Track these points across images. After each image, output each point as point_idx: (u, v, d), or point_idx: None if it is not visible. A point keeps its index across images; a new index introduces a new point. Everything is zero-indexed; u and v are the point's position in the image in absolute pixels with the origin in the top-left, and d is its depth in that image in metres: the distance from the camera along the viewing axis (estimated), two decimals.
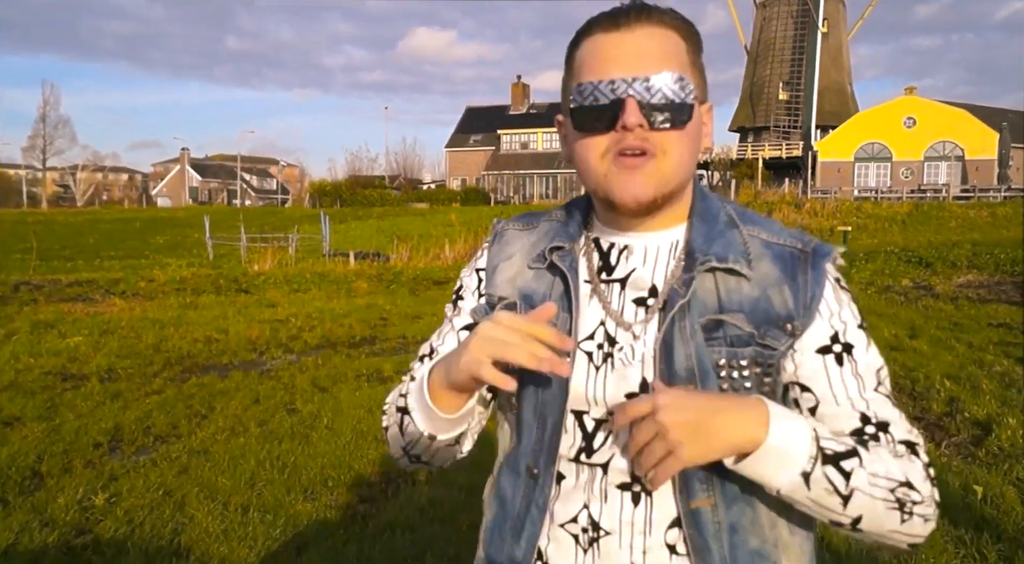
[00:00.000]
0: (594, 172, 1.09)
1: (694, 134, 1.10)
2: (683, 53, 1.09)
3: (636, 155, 1.05)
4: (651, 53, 1.06)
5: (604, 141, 1.07)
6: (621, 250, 1.17)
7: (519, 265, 1.23)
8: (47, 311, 11.85)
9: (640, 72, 1.05)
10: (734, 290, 1.09)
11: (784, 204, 35.34)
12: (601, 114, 1.06)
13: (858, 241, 25.73)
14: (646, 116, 1.04)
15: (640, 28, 1.07)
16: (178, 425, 5.94)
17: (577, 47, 1.13)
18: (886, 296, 13.47)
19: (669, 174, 1.07)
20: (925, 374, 7.25)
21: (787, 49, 55.10)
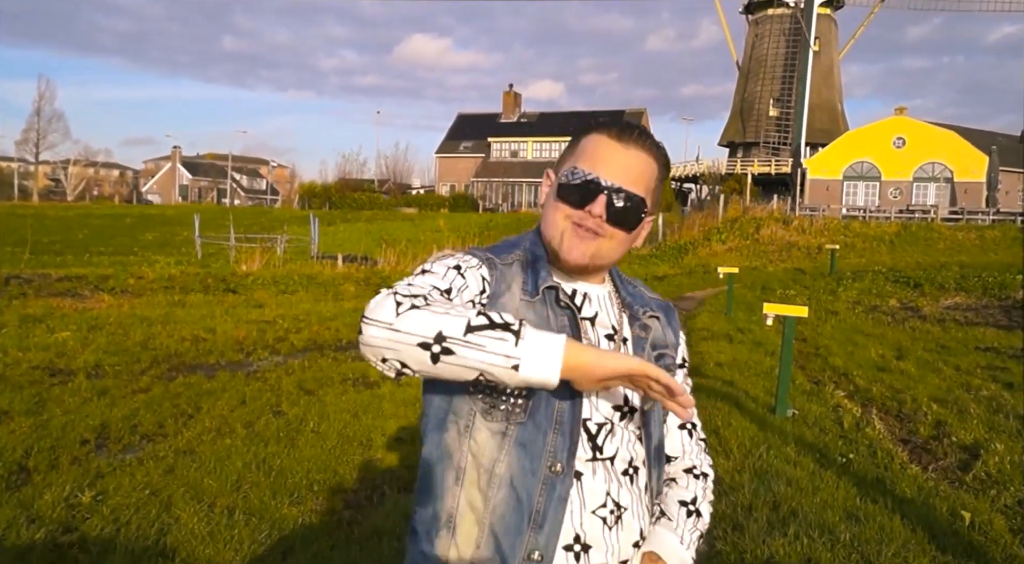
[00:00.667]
0: (555, 227, 1.44)
1: (634, 236, 1.47)
2: (653, 179, 1.46)
3: (589, 230, 1.41)
4: (631, 173, 1.42)
5: (571, 210, 1.41)
6: (584, 296, 1.49)
7: (516, 296, 1.43)
8: (36, 305, 11.75)
9: (619, 182, 1.40)
10: (657, 330, 1.56)
11: (772, 221, 35.39)
12: (580, 195, 1.41)
13: (846, 260, 25.84)
14: (608, 213, 1.40)
15: (634, 150, 1.43)
16: (164, 424, 5.89)
17: (586, 136, 1.47)
18: (873, 316, 13.54)
19: (607, 253, 1.45)
20: (912, 396, 7.27)
21: (778, 66, 55.38)
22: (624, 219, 1.41)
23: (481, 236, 27.95)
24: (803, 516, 4.13)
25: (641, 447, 1.47)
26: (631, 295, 1.56)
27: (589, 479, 1.38)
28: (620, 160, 1.41)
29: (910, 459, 5.39)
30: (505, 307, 1.39)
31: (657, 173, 1.47)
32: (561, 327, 1.39)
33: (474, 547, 1.36)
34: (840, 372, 8.61)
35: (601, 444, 1.40)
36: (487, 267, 1.44)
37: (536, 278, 1.44)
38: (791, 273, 22.93)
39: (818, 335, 11.23)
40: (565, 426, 1.36)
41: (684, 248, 30.79)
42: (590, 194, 1.40)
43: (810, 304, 14.92)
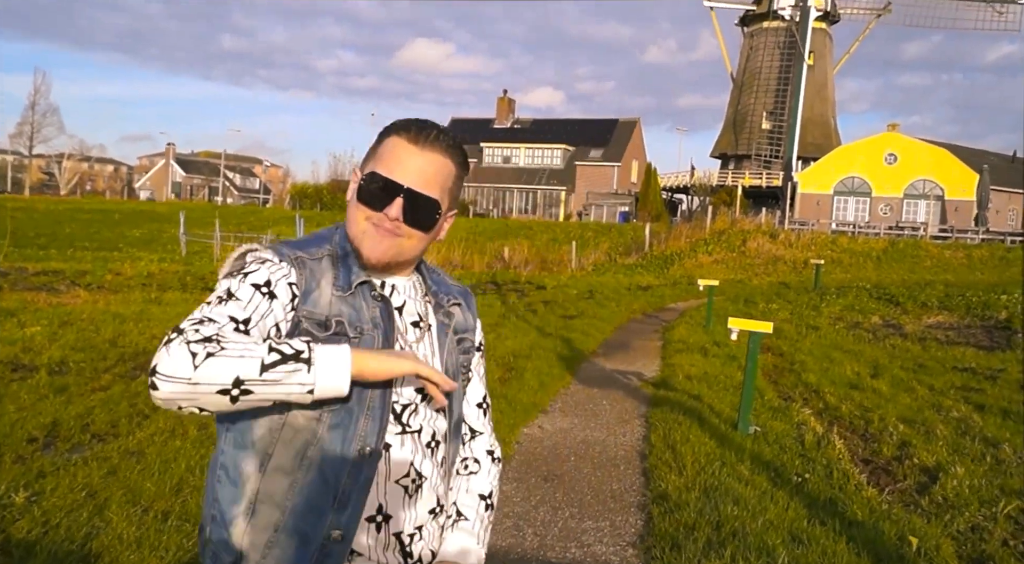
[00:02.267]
0: (357, 227, 1.49)
1: (434, 233, 1.54)
2: (450, 179, 1.53)
3: (388, 230, 1.47)
4: (426, 175, 1.48)
5: (371, 212, 1.47)
6: (392, 287, 1.57)
7: (327, 291, 1.47)
8: (10, 299, 11.68)
9: (414, 185, 1.46)
10: (458, 316, 1.68)
11: (759, 234, 35.38)
12: (377, 198, 1.46)
13: (831, 275, 25.84)
14: (404, 214, 1.46)
15: (431, 152, 1.49)
16: (118, 424, 5.79)
17: (387, 138, 1.51)
18: (854, 333, 13.49)
19: (408, 251, 1.52)
20: (880, 415, 7.21)
21: (772, 79, 55.48)
22: (420, 220, 1.48)
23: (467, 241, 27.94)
24: (744, 537, 4.07)
25: (443, 422, 1.58)
26: (435, 284, 1.66)
27: (397, 450, 1.48)
28: (416, 163, 1.47)
29: (868, 480, 5.34)
30: (317, 303, 1.45)
31: (455, 172, 1.54)
32: (374, 318, 1.48)
33: (272, 530, 1.40)
34: (812, 389, 8.55)
35: (407, 421, 1.50)
36: (296, 269, 1.46)
37: (348, 273, 1.50)
38: (775, 287, 22.91)
39: (796, 350, 11.18)
40: (376, 411, 1.43)
41: (670, 259, 30.77)
42: (387, 198, 1.45)
43: (791, 319, 14.90)
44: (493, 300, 16.42)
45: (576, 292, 19.09)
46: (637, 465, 5.69)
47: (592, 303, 16.91)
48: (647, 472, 5.48)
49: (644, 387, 8.52)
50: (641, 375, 9.24)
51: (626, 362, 10.15)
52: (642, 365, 9.95)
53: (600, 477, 5.39)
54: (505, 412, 6.76)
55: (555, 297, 17.62)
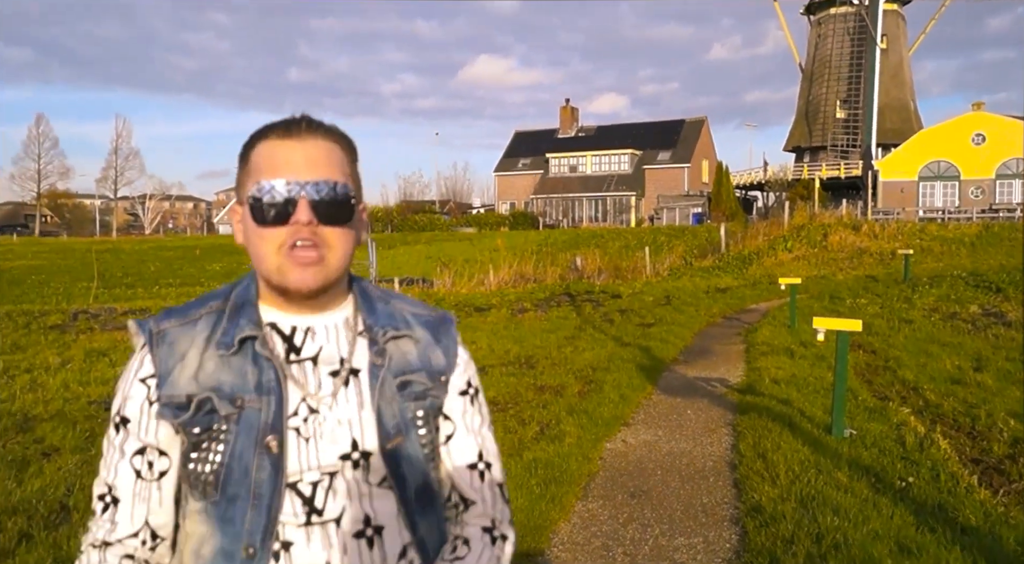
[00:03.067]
0: (269, 262, 1.22)
1: (354, 230, 1.27)
2: (344, 163, 1.27)
3: (308, 246, 1.20)
4: (320, 161, 1.23)
5: (280, 234, 1.20)
6: (306, 330, 1.29)
7: (194, 361, 1.24)
8: (101, 339, 12.00)
9: (311, 176, 1.21)
10: (409, 353, 1.32)
11: (841, 226, 34.29)
12: (279, 211, 1.20)
13: (922, 265, 24.90)
14: (316, 214, 1.20)
15: (311, 139, 1.24)
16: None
17: (253, 148, 1.26)
18: (951, 324, 12.85)
19: (335, 264, 1.24)
20: (988, 411, 6.78)
21: (844, 66, 54.09)
22: (338, 212, 1.22)
23: (539, 253, 27.81)
24: (848, 549, 3.79)
25: (388, 500, 1.25)
26: (372, 313, 1.33)
27: (302, 548, 1.20)
28: (302, 154, 1.22)
29: (979, 482, 4.95)
30: (176, 382, 1.23)
31: (345, 156, 1.28)
32: (266, 382, 1.23)
33: None
34: (910, 386, 8.12)
35: (321, 505, 1.22)
36: (149, 354, 1.26)
37: (235, 326, 1.25)
38: (862, 281, 22.12)
39: (889, 346, 10.67)
40: (263, 498, 1.19)
41: (748, 258, 30.04)
42: (288, 204, 1.20)
43: (882, 313, 14.30)
44: (568, 312, 16.21)
45: (652, 298, 18.74)
46: (727, 476, 5.42)
47: (669, 309, 16.55)
48: (738, 483, 5.21)
49: (729, 394, 8.21)
50: (725, 381, 8.92)
51: (708, 368, 9.83)
52: (725, 371, 9.61)
53: (689, 491, 5.14)
54: (586, 427, 6.59)
55: (631, 305, 17.31)
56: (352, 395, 1.26)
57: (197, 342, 1.25)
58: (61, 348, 11.08)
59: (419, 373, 1.32)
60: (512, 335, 12.80)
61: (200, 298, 1.33)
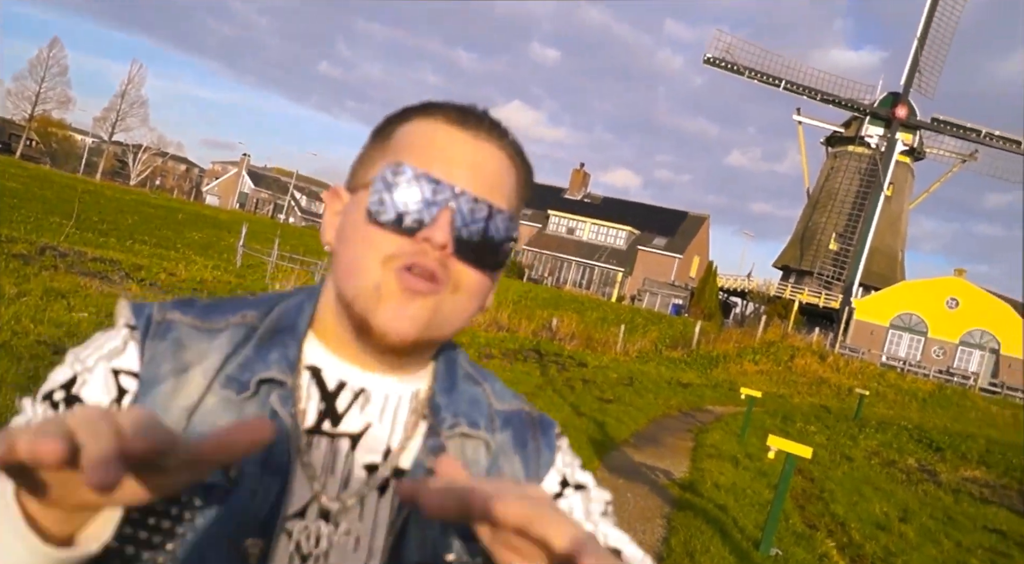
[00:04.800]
0: (366, 277, 0.82)
1: (492, 284, 0.90)
2: (515, 193, 0.91)
3: (424, 277, 0.82)
4: (491, 173, 0.86)
5: (394, 243, 0.82)
6: (356, 394, 0.88)
7: (198, 385, 0.83)
8: (64, 281, 11.80)
9: (472, 188, 0.84)
10: (473, 461, 0.90)
11: (809, 352, 34.89)
12: (413, 215, 0.82)
13: (874, 408, 25.32)
14: (456, 239, 0.82)
15: (488, 141, 0.88)
16: None
17: (406, 122, 0.89)
18: (888, 471, 13.19)
19: (449, 316, 0.85)
20: (904, 562, 6.99)
21: (848, 202, 55.33)
22: (484, 249, 0.84)
23: (518, 304, 27.94)
24: None
25: None
26: (454, 395, 0.93)
27: None
28: (470, 154, 0.86)
29: None
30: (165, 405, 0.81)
31: (519, 190, 0.92)
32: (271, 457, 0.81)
33: None
34: (838, 521, 8.35)
35: None
36: (136, 344, 0.85)
37: (260, 360, 0.85)
38: (816, 409, 22.49)
39: (827, 478, 10.92)
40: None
41: (715, 360, 30.42)
42: (432, 204, 0.82)
43: (827, 445, 14.60)
44: (533, 368, 16.38)
45: (616, 376, 18.94)
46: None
47: (631, 390, 16.76)
48: None
49: (671, 487, 8.37)
50: (669, 474, 9.09)
51: (656, 457, 9.99)
52: (671, 463, 9.78)
53: None
54: None
55: (595, 377, 17.50)
56: (385, 508, 0.85)
57: (210, 361, 0.85)
58: (20, 280, 10.85)
59: None
60: None
61: (233, 300, 0.93)
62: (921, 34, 52.52)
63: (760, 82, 54.36)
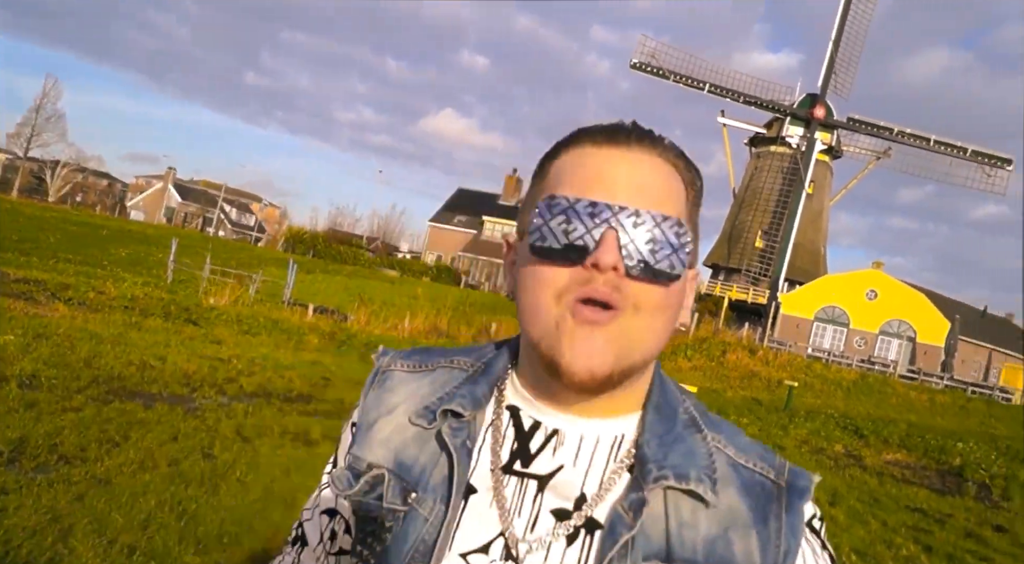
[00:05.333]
0: (545, 316, 0.82)
1: (676, 299, 0.85)
2: (683, 200, 0.87)
3: (599, 307, 0.79)
4: (650, 185, 0.83)
5: (563, 277, 0.81)
6: (549, 435, 0.87)
7: (400, 422, 0.92)
8: None
9: (632, 202, 0.81)
10: (688, 524, 0.81)
11: (740, 347, 35.70)
12: (573, 244, 0.81)
13: (802, 398, 26.01)
14: (625, 258, 0.80)
15: (642, 152, 0.85)
16: (87, 448, 5.79)
17: (556, 157, 0.89)
18: (817, 458, 13.64)
19: (637, 340, 0.82)
20: (836, 544, 7.26)
21: (772, 201, 56.63)
22: (658, 264, 0.81)
23: (457, 310, 27.97)
24: None
25: None
26: (667, 443, 0.85)
27: None
28: (625, 170, 0.84)
29: None
30: (370, 441, 0.93)
31: (686, 192, 0.88)
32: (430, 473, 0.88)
33: None
34: None
35: None
36: (363, 398, 0.98)
37: (457, 395, 0.91)
38: (748, 402, 23.02)
39: None
40: None
41: None
42: (593, 226, 0.80)
43: (759, 435, 14.99)
44: None
45: None
46: None
47: None
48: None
49: None
50: None
51: None
52: None
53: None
54: None
55: None
56: (572, 559, 0.82)
57: (414, 399, 0.94)
58: None
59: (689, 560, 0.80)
60: None
61: (457, 349, 1.01)
62: (835, 36, 54.06)
63: (685, 86, 55.26)
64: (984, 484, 13.09)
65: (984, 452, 16.59)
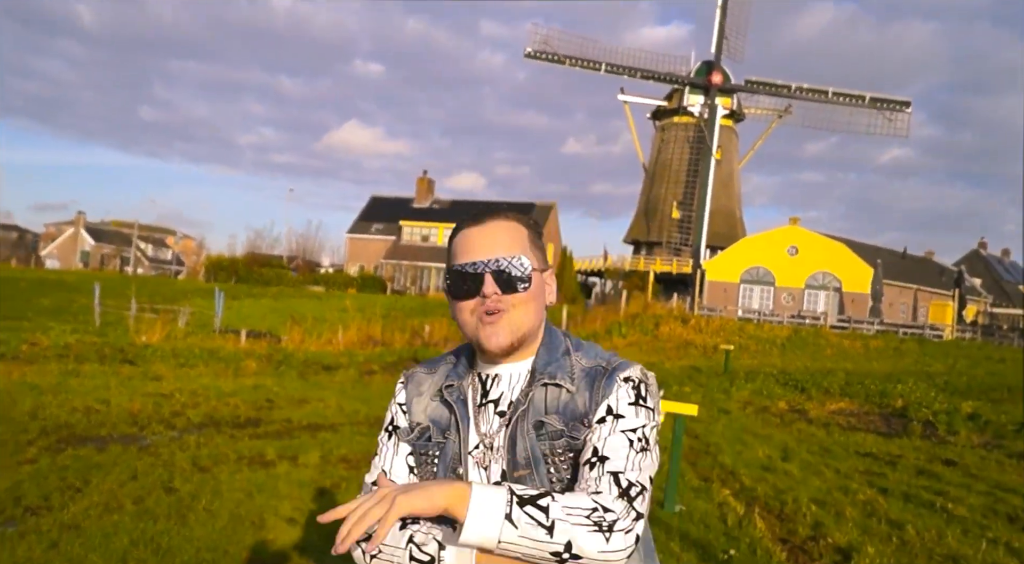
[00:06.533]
0: (467, 326, 1.57)
1: (537, 293, 1.59)
2: (524, 239, 1.59)
3: (493, 314, 1.53)
4: (500, 241, 1.56)
5: (472, 303, 1.55)
6: (493, 378, 1.63)
7: (428, 399, 1.67)
8: None
9: (492, 255, 1.54)
10: (554, 399, 1.57)
11: (672, 318, 36.37)
12: (469, 287, 1.55)
13: (739, 360, 26.56)
14: (499, 285, 1.52)
15: (492, 223, 1.58)
16: (50, 497, 5.76)
17: (454, 238, 1.62)
18: (763, 417, 13.99)
19: (518, 324, 1.55)
20: (794, 497, 7.56)
21: (682, 171, 57.80)
22: (514, 283, 1.54)
23: (387, 317, 27.90)
24: None
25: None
26: (546, 364, 1.60)
27: None
28: (484, 238, 1.56)
29: (788, 558, 5.66)
30: (415, 412, 1.67)
31: (527, 233, 1.61)
32: (456, 423, 1.62)
33: None
34: (728, 470, 8.91)
35: None
36: (405, 387, 1.71)
37: (451, 376, 1.67)
38: (687, 371, 23.47)
39: (710, 433, 11.57)
40: None
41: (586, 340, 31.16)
42: (475, 280, 1.54)
43: (704, 402, 15.30)
44: None
45: None
46: None
47: None
48: None
49: None
50: None
51: None
52: None
53: None
54: None
55: None
56: (504, 433, 1.57)
57: (432, 384, 1.68)
58: None
59: (553, 415, 1.55)
60: (360, 395, 12.98)
61: (446, 353, 1.75)
62: (721, 2, 55.39)
63: (581, 68, 55.94)
64: (928, 422, 13.51)
65: (924, 391, 17.14)
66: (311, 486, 6.70)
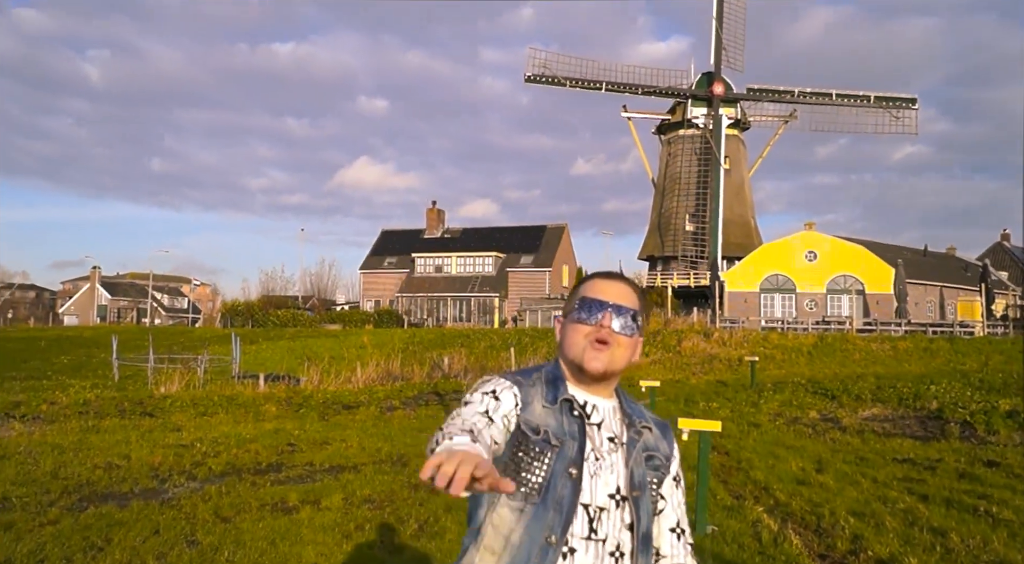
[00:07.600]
0: (575, 347, 1.89)
1: (634, 346, 1.92)
2: (637, 302, 1.94)
3: (602, 343, 1.86)
4: (624, 296, 1.92)
5: (588, 329, 1.88)
6: (593, 406, 1.91)
7: (538, 406, 1.87)
8: None
9: (618, 301, 1.90)
10: (649, 439, 1.94)
11: (693, 333, 36.06)
12: (592, 312, 1.89)
13: (766, 371, 26.30)
14: (614, 322, 1.87)
15: (621, 284, 1.96)
16: (73, 559, 5.70)
17: (584, 282, 1.99)
18: (794, 428, 13.75)
19: (615, 360, 1.88)
20: (831, 509, 7.36)
21: (692, 183, 57.55)
22: (626, 326, 1.89)
23: (405, 352, 27.86)
24: None
25: (628, 534, 1.83)
26: (632, 409, 1.98)
27: (581, 555, 1.77)
28: (613, 288, 1.94)
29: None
30: (532, 413, 1.86)
31: (639, 299, 1.97)
32: (571, 431, 1.84)
33: None
34: (761, 486, 8.72)
35: (596, 527, 1.79)
36: (517, 387, 1.88)
37: (555, 392, 1.89)
38: (713, 385, 23.24)
39: (740, 448, 11.38)
40: (563, 507, 1.76)
41: None
42: (599, 310, 1.88)
43: (732, 416, 15.14)
44: (436, 411, 16.38)
45: None
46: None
47: None
48: None
49: None
50: None
51: None
52: None
53: None
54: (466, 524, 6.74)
55: None
56: (618, 457, 1.87)
57: (537, 395, 1.89)
58: None
59: (656, 452, 1.95)
60: (382, 433, 12.87)
61: (526, 371, 1.97)
62: (717, 13, 55.52)
63: (582, 89, 56.10)
64: (966, 422, 13.24)
65: (959, 390, 16.83)
66: (334, 530, 6.59)
